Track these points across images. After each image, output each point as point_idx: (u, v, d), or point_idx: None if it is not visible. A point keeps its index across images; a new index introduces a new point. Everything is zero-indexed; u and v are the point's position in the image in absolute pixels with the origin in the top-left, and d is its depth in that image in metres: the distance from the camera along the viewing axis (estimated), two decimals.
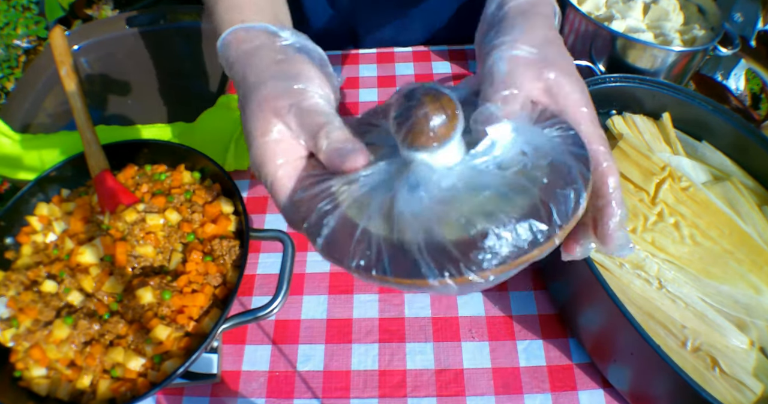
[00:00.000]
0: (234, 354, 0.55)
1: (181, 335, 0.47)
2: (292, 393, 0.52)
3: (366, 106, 0.77)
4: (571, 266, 0.46)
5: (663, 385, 0.43)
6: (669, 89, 0.61)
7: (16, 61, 1.94)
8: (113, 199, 0.54)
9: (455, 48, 0.84)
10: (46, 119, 0.78)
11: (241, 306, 0.59)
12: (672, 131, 0.62)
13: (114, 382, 0.46)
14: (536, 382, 0.51)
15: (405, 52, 0.84)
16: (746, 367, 0.46)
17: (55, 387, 0.47)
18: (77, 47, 0.88)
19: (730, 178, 0.58)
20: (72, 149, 0.68)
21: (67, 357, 0.47)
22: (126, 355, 0.46)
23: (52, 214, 0.56)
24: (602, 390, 0.51)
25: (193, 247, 0.52)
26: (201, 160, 0.57)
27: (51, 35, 0.63)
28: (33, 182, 0.56)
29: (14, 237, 0.55)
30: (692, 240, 0.53)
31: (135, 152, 0.60)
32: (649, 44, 0.66)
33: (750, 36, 1.26)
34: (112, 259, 0.51)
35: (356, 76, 0.81)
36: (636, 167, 0.57)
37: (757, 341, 0.48)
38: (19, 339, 0.48)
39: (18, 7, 2.05)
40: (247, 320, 0.46)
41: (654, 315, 0.48)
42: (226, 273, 0.51)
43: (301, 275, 0.60)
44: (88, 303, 0.49)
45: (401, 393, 0.51)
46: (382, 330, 0.56)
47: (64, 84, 0.60)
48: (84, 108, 0.59)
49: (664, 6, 0.72)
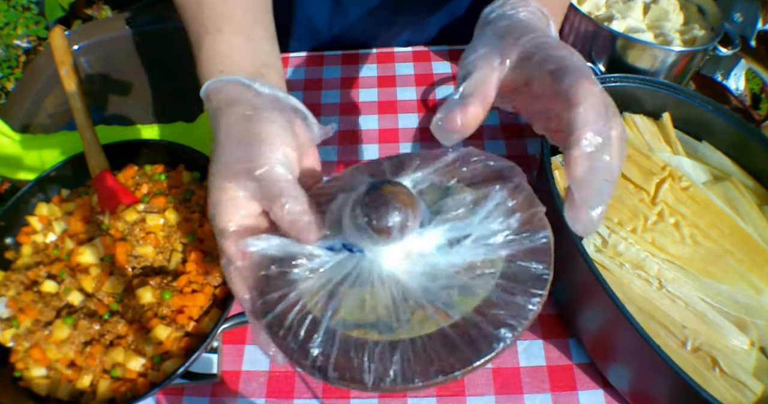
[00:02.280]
0: (234, 354, 0.55)
1: (181, 335, 0.47)
2: (292, 393, 0.52)
3: (366, 106, 0.77)
4: (571, 266, 0.46)
5: (663, 385, 0.43)
6: (669, 89, 0.61)
7: (16, 61, 1.94)
8: (113, 199, 0.54)
9: (455, 48, 0.84)
10: (46, 119, 0.78)
11: (241, 306, 0.58)
12: (672, 131, 0.62)
13: (114, 382, 0.46)
14: (536, 382, 0.51)
15: (405, 52, 0.84)
16: (746, 367, 0.46)
17: (55, 387, 0.47)
18: (77, 47, 0.88)
19: (730, 178, 0.58)
20: (72, 149, 0.68)
21: (67, 357, 0.47)
22: (126, 355, 0.46)
23: (52, 214, 0.56)
24: (602, 390, 0.51)
25: (193, 247, 0.52)
26: (201, 160, 0.57)
27: (51, 35, 0.63)
28: (33, 182, 0.56)
29: (14, 237, 0.55)
30: (692, 240, 0.53)
31: (135, 152, 0.60)
32: (649, 44, 0.66)
33: (750, 36, 1.26)
34: (112, 259, 0.51)
35: (356, 77, 0.81)
36: (636, 167, 0.57)
37: (757, 341, 0.48)
38: (19, 339, 0.48)
39: (18, 7, 2.05)
40: (247, 320, 0.46)
41: (654, 315, 0.48)
42: None
43: None
44: (88, 302, 0.49)
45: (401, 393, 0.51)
46: None
47: (64, 84, 0.60)
48: (84, 108, 0.59)
49: (664, 6, 0.72)
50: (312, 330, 0.28)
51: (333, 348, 0.28)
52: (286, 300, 0.30)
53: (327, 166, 0.70)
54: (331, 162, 0.71)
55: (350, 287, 0.30)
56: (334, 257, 0.31)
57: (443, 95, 0.78)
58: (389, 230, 0.28)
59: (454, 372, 0.26)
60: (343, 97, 0.78)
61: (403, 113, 0.76)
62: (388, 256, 0.30)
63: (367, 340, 0.28)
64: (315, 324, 0.29)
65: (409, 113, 0.76)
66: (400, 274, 0.30)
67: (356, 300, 0.29)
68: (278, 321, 0.30)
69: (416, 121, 0.75)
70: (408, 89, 0.79)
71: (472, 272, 0.29)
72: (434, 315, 0.28)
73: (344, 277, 0.30)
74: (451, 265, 0.30)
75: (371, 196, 0.29)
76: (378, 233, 0.28)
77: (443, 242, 0.31)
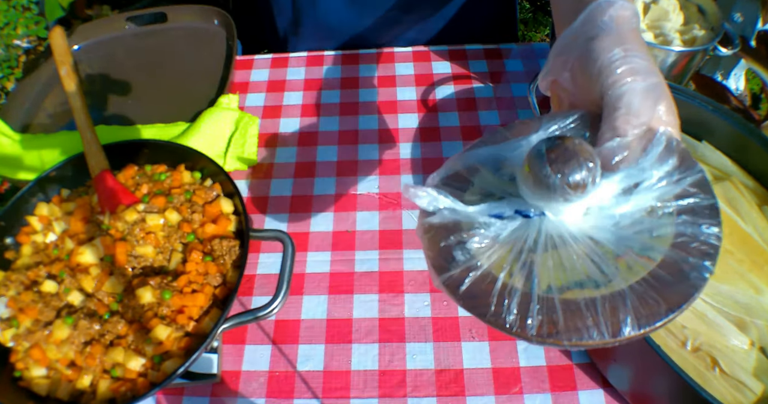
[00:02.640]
0: (234, 354, 0.55)
1: (181, 335, 0.47)
2: (292, 393, 0.52)
3: (366, 106, 0.77)
4: None
5: (663, 385, 0.43)
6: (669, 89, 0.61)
7: (16, 61, 1.94)
8: (113, 199, 0.54)
9: (455, 48, 0.84)
10: (46, 119, 0.78)
11: (241, 306, 0.59)
12: None
13: (114, 382, 0.46)
14: (536, 382, 0.51)
15: (405, 52, 0.84)
16: (746, 367, 0.46)
17: (55, 387, 0.47)
18: (77, 47, 0.88)
19: (730, 178, 0.58)
20: (72, 149, 0.68)
21: (67, 357, 0.47)
22: (126, 355, 0.46)
23: (52, 214, 0.56)
24: (602, 390, 0.51)
25: (193, 247, 0.52)
26: (201, 160, 0.57)
27: (51, 35, 0.63)
28: (33, 182, 0.56)
29: (14, 237, 0.55)
30: None
31: (135, 152, 0.60)
32: (649, 44, 0.65)
33: (750, 36, 1.26)
34: (112, 259, 0.51)
35: (356, 77, 0.81)
36: None
37: (757, 341, 0.48)
38: (19, 339, 0.48)
39: (18, 7, 2.05)
40: (247, 320, 0.46)
41: None
42: (226, 273, 0.51)
43: (301, 275, 0.60)
44: (88, 302, 0.49)
45: (401, 393, 0.51)
46: (382, 330, 0.56)
47: (64, 84, 0.60)
48: (84, 108, 0.59)
49: (664, 6, 0.72)
50: (525, 303, 0.28)
51: (557, 315, 0.27)
52: (476, 273, 0.30)
53: (327, 166, 0.70)
54: (331, 162, 0.71)
55: (543, 252, 0.29)
56: (510, 225, 0.31)
57: (443, 95, 0.78)
58: (584, 184, 0.28)
59: (681, 307, 0.26)
60: (343, 98, 0.78)
61: (403, 113, 0.76)
62: (569, 214, 0.30)
63: (585, 298, 0.28)
64: (526, 296, 0.28)
65: (409, 113, 0.76)
66: (589, 229, 0.30)
67: (555, 264, 0.29)
68: (480, 299, 0.29)
69: (416, 121, 0.75)
70: (408, 89, 0.79)
71: (654, 214, 0.30)
72: (637, 260, 0.28)
73: (533, 243, 0.30)
74: (633, 211, 0.30)
75: (556, 151, 0.28)
76: (574, 189, 0.28)
77: (619, 191, 0.31)
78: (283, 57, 0.85)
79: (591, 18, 0.36)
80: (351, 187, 0.68)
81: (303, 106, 0.78)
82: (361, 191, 0.67)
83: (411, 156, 0.71)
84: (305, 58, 0.84)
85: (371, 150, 0.72)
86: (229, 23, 0.85)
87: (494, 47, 0.84)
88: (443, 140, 0.72)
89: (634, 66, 0.32)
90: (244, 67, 0.84)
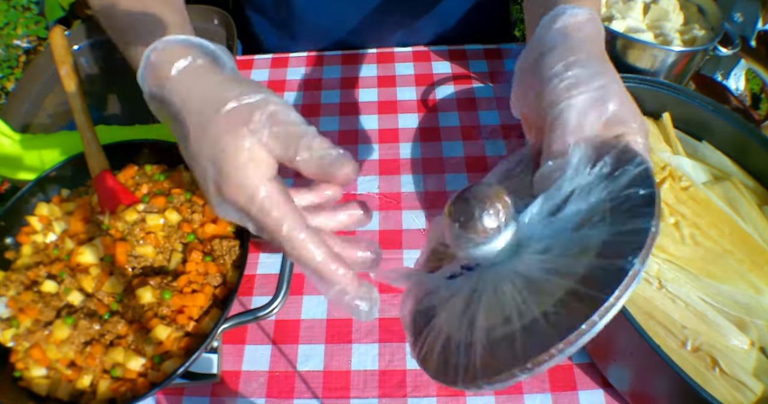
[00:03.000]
0: (234, 354, 0.55)
1: (181, 335, 0.47)
2: (292, 393, 0.52)
3: (365, 106, 0.77)
4: None
5: (663, 385, 0.43)
6: (669, 89, 0.61)
7: (16, 61, 1.94)
8: (113, 199, 0.54)
9: (455, 48, 0.84)
10: (46, 119, 0.78)
11: (241, 306, 0.59)
12: (672, 131, 0.62)
13: (114, 382, 0.46)
14: (536, 382, 0.51)
15: (405, 52, 0.84)
16: (746, 367, 0.46)
17: (55, 387, 0.47)
18: (77, 47, 0.88)
19: (730, 178, 0.58)
20: (72, 149, 0.68)
21: (67, 357, 0.47)
22: (126, 355, 0.46)
23: (52, 214, 0.56)
24: (602, 390, 0.51)
25: (193, 247, 0.52)
26: None
27: (51, 35, 0.63)
28: (33, 182, 0.56)
29: (14, 237, 0.55)
30: (692, 240, 0.53)
31: (135, 152, 0.60)
32: (649, 44, 0.65)
33: (750, 36, 1.26)
34: (112, 259, 0.51)
35: (356, 77, 0.81)
36: None
37: (757, 341, 0.48)
38: (19, 339, 0.48)
39: (18, 7, 2.05)
40: (247, 320, 0.46)
41: (654, 315, 0.48)
42: (226, 273, 0.51)
43: (301, 275, 0.60)
44: (88, 302, 0.49)
45: (401, 393, 0.51)
46: (383, 330, 0.56)
47: (64, 84, 0.60)
48: (84, 108, 0.59)
49: (664, 6, 0.72)
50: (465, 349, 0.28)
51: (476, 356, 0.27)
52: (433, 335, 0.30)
53: None
54: None
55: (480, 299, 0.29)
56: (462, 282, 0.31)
57: (443, 95, 0.78)
58: (484, 228, 0.28)
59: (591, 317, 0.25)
60: (343, 97, 0.78)
61: (403, 113, 0.76)
62: (500, 256, 0.30)
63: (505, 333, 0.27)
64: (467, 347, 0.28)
65: (409, 113, 0.76)
66: (518, 265, 0.29)
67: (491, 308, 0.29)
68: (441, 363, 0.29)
69: (416, 121, 0.75)
70: (408, 89, 0.79)
71: (584, 227, 0.28)
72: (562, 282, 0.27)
73: (472, 293, 0.30)
74: (562, 229, 0.29)
75: (455, 205, 0.29)
76: (473, 232, 0.28)
77: (544, 215, 0.30)
78: (283, 57, 0.85)
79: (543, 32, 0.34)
80: (351, 187, 0.68)
81: (303, 106, 0.78)
82: (361, 191, 0.67)
83: (411, 156, 0.71)
84: (305, 58, 0.84)
85: (371, 150, 0.72)
86: (229, 23, 0.85)
87: (494, 47, 0.84)
88: (443, 140, 0.72)
89: (572, 80, 0.31)
90: (244, 67, 0.84)
